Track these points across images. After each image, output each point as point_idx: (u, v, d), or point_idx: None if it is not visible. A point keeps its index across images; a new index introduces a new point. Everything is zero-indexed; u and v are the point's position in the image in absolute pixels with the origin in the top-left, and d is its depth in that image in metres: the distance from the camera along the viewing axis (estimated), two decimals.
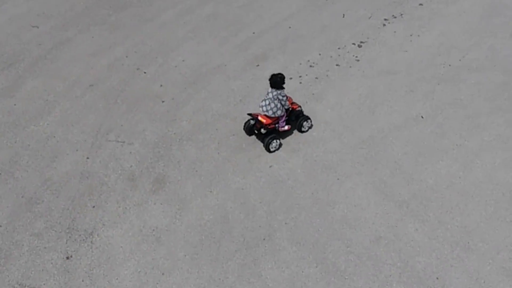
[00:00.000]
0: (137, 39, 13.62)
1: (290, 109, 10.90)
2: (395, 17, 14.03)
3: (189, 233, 9.27)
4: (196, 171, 10.30)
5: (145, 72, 12.57)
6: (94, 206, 9.71)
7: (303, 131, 11.09)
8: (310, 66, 12.60)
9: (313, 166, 10.28)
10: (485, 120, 11.01)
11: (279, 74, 10.41)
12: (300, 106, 11.08)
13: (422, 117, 11.18)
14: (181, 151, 10.69)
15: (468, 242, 8.84)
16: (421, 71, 12.29)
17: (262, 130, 10.68)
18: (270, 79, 10.41)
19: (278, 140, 10.72)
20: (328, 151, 10.56)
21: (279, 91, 10.42)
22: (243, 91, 11.98)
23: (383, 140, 10.71)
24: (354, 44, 13.20)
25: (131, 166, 10.43)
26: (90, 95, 12.00)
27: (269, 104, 10.53)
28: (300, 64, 12.67)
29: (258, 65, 12.67)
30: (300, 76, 12.31)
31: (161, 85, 12.21)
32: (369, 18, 14.05)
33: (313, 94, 11.84)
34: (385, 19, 13.97)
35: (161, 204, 9.75)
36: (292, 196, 9.75)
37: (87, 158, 10.58)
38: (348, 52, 12.96)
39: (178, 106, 11.69)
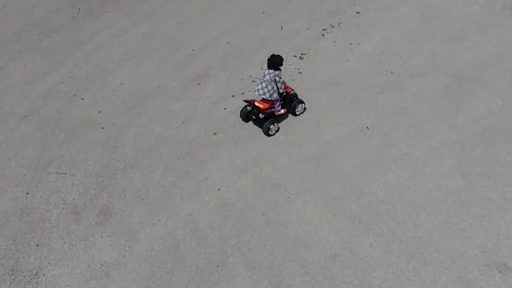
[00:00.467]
0: (72, 64, 13.33)
1: (285, 93, 11.37)
2: (333, 27, 14.14)
3: (140, 265, 9.07)
4: (142, 199, 10.11)
5: (82, 99, 12.29)
6: (37, 245, 9.40)
7: (297, 114, 11.65)
8: (253, 81, 12.56)
9: (262, 185, 10.22)
10: (431, 126, 11.16)
11: (278, 55, 10.92)
12: (293, 90, 11.60)
13: (367, 127, 11.26)
14: (126, 179, 10.47)
15: (423, 254, 8.91)
16: (363, 80, 12.39)
17: (260, 115, 11.22)
18: (269, 59, 10.86)
19: (276, 124, 11.24)
20: (277, 168, 10.52)
21: (276, 72, 10.87)
22: (185, 112, 11.84)
23: (331, 154, 10.72)
24: (295, 56, 13.22)
25: (74, 198, 10.15)
26: (26, 126, 11.66)
27: (266, 86, 10.91)
28: (242, 80, 12.62)
29: (199, 84, 12.56)
30: (242, 93, 12.25)
31: (100, 111, 11.95)
32: (308, 29, 14.11)
33: None
34: (324, 29, 14.06)
35: (108, 236, 9.51)
36: (243, 219, 9.66)
37: (27, 193, 10.26)
38: (289, 65, 12.97)
39: (119, 132, 11.46)
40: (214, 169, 10.58)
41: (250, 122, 11.58)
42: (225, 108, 11.86)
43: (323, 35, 13.88)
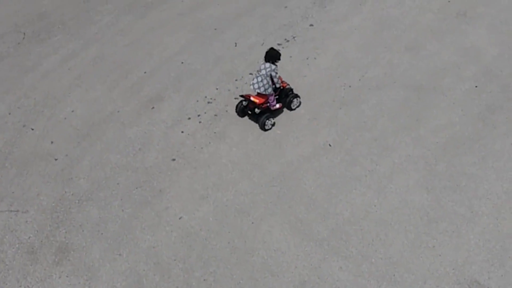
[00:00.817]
0: (19, 92, 12.92)
1: (281, 87, 11.65)
2: (288, 41, 14.05)
3: None
4: (102, 233, 9.79)
5: (32, 129, 11.91)
6: None
7: (293, 109, 11.95)
8: (208, 102, 12.36)
9: (225, 212, 10.02)
10: (393, 141, 11.13)
11: (276, 49, 11.20)
12: (288, 84, 11.89)
13: (330, 145, 11.17)
14: (82, 214, 10.15)
15: (394, 275, 8.83)
16: (322, 96, 12.31)
17: (256, 110, 11.40)
18: (267, 52, 11.11)
19: (272, 119, 11.51)
20: (239, 193, 10.33)
21: (273, 67, 11.13)
22: (141, 138, 11.57)
23: (294, 174, 10.59)
24: (251, 74, 13.07)
25: (29, 237, 9.78)
26: None
27: (261, 80, 11.15)
28: (197, 101, 12.41)
29: (153, 107, 12.30)
30: (199, 115, 12.03)
31: (52, 142, 11.60)
32: (262, 44, 13.98)
33: (215, 133, 11.59)
34: (278, 44, 13.95)
35: (67, 276, 9.17)
36: (207, 248, 9.44)
37: None
38: (246, 83, 12.81)
39: (73, 163, 11.12)
40: (174, 197, 10.34)
41: (246, 117, 11.90)
42: (182, 132, 11.63)
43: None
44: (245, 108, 11.72)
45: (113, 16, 15.35)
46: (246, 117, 11.84)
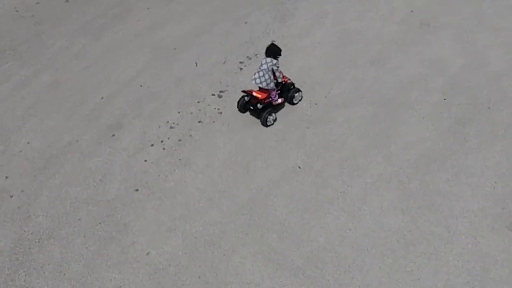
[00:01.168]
0: None
1: (282, 82, 11.98)
2: (250, 58, 13.84)
3: None
4: (64, 274, 9.41)
5: None
6: None
7: (295, 103, 12.31)
8: (171, 127, 12.06)
9: (195, 244, 9.72)
10: (364, 160, 10.98)
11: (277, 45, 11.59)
12: (290, 79, 12.21)
13: (299, 167, 10.96)
14: (43, 254, 9.74)
15: None
16: (288, 115, 12.13)
17: (259, 105, 11.68)
18: (268, 47, 11.45)
19: (274, 114, 11.86)
20: (208, 223, 10.05)
21: (274, 61, 11.44)
22: (102, 169, 11.21)
23: (264, 200, 10.36)
24: (214, 95, 12.82)
25: None
26: None
27: (263, 75, 11.45)
28: (160, 127, 12.10)
29: (113, 135, 11.95)
30: (162, 141, 11.73)
31: (6, 177, 11.16)
32: (224, 63, 13.76)
33: (179, 159, 11.30)
34: (241, 62, 13.74)
35: None
36: (177, 285, 9.13)
37: None
38: (209, 105, 12.56)
39: (30, 199, 10.71)
40: (140, 231, 10.00)
41: (247, 113, 12.20)
42: (145, 160, 11.31)
43: (240, 68, 13.55)
44: (247, 104, 12.00)
45: (67, 39, 14.94)
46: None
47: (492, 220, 9.73)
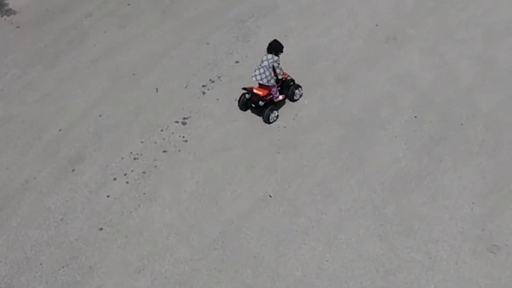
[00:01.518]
0: None
1: (282, 79, 12.24)
2: (213, 81, 13.55)
3: None
4: None
5: None
6: None
7: (295, 99, 12.63)
8: (134, 158, 11.72)
9: (165, 285, 9.43)
10: (336, 185, 10.79)
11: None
12: (289, 76, 12.57)
13: (270, 196, 10.72)
14: None
15: None
16: (257, 141, 11.89)
17: (260, 103, 11.96)
18: (270, 43, 11.78)
19: (276, 111, 12.14)
20: (178, 261, 9.74)
21: (275, 58, 11.78)
22: (62, 208, 10.81)
23: (236, 233, 10.10)
24: (177, 122, 12.50)
25: None
26: None
27: (264, 72, 11.77)
28: (122, 158, 11.75)
29: (73, 170, 11.55)
30: (125, 174, 11.38)
31: None
32: (186, 87, 13.44)
33: (144, 193, 10.97)
34: (204, 86, 13.43)
35: None
36: None
37: None
38: (172, 133, 12.24)
39: None
40: (106, 273, 9.65)
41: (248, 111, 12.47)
42: (108, 196, 10.95)
43: (204, 92, 13.24)
44: (248, 102, 12.29)
45: (19, 67, 14.43)
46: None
47: (472, 243, 9.61)
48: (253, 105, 12.21)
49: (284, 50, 12.02)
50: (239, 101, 12.45)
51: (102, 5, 16.38)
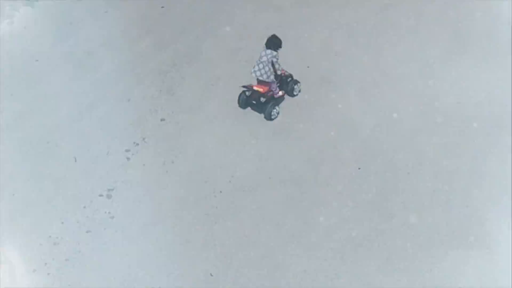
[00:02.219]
0: None
1: (281, 74, 12.64)
2: (138, 144, 12.80)
3: None
4: None
5: None
6: None
7: (295, 95, 13.17)
8: (55, 243, 10.88)
9: None
10: (283, 256, 10.36)
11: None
12: (287, 71, 12.92)
13: (211, 275, 10.20)
14: None
15: None
16: (192, 211, 11.25)
17: (262, 99, 12.46)
18: (268, 39, 12.29)
19: (277, 108, 12.68)
20: None
21: (274, 53, 12.20)
22: None
23: None
24: (101, 195, 11.72)
25: None
26: None
27: (263, 68, 12.18)
28: (41, 244, 10.88)
29: None
30: (45, 264, 10.51)
31: None
32: (107, 153, 12.66)
33: (69, 285, 10.12)
34: (127, 150, 12.67)
35: None
36: None
37: None
38: (97, 209, 11.46)
39: None
40: None
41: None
42: None
43: (128, 158, 12.50)
44: (248, 99, 12.68)
45: None
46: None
47: None
48: (254, 102, 12.64)
49: (211, 103, 12.68)
50: (239, 99, 12.84)
51: None
